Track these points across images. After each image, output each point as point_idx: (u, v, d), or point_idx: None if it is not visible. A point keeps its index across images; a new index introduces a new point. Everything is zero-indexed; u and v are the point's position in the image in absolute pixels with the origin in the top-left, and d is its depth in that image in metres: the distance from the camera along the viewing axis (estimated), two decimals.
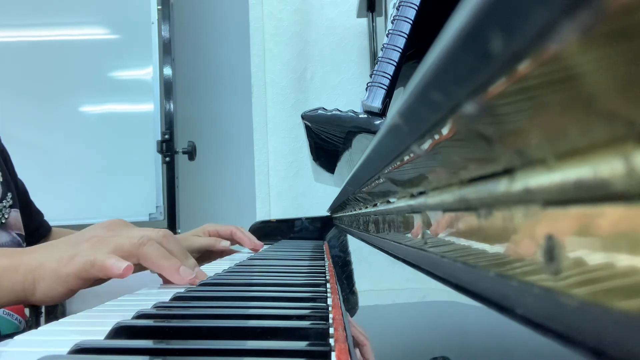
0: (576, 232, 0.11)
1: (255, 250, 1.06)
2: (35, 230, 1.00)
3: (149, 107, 2.03)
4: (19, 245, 0.89)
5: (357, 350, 0.32)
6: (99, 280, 0.59)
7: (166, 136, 1.99)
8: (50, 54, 2.01)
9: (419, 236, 0.26)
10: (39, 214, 1.04)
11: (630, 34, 0.07)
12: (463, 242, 0.18)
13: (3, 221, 0.87)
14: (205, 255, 1.00)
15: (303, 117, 0.74)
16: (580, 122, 0.10)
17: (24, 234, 0.92)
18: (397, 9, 0.64)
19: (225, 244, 1.01)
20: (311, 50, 1.94)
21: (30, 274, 0.56)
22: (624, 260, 0.09)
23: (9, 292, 0.56)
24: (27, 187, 1.03)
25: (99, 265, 0.55)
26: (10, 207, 0.90)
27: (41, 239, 1.02)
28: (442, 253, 0.22)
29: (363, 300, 0.47)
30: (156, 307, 0.43)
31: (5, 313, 0.86)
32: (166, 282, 0.61)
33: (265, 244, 1.21)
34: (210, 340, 0.34)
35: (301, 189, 1.92)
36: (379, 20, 1.65)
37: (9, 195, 0.90)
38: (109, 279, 0.58)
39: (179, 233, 2.02)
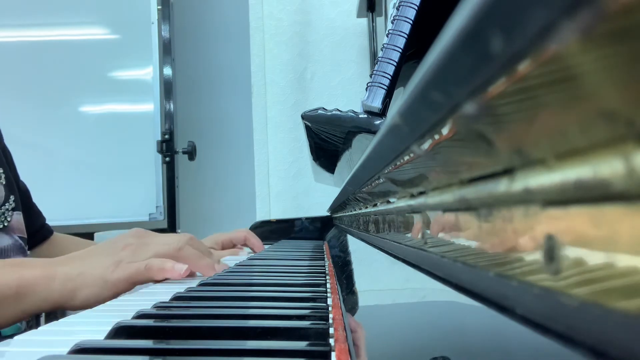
0: (576, 232, 0.11)
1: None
2: (37, 232, 0.99)
3: (149, 107, 2.03)
4: (21, 249, 0.88)
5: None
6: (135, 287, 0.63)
7: (166, 136, 1.99)
8: (50, 54, 2.01)
9: (419, 236, 0.26)
10: (40, 216, 1.04)
11: (630, 34, 0.07)
12: (463, 242, 0.18)
13: (5, 224, 0.86)
14: None
15: (303, 117, 0.74)
16: (580, 122, 0.10)
17: (26, 237, 0.91)
18: (397, 9, 0.64)
19: (242, 256, 1.05)
20: (311, 50, 1.94)
21: (70, 283, 0.58)
22: (624, 260, 0.09)
23: (44, 300, 0.57)
24: (27, 187, 1.03)
25: (157, 268, 0.61)
26: (13, 209, 0.89)
27: (43, 241, 1.01)
28: (442, 253, 0.22)
29: (363, 300, 0.47)
30: (156, 307, 0.43)
31: None
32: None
33: (265, 244, 1.21)
34: (210, 340, 0.34)
35: (301, 189, 1.92)
36: (379, 20, 1.65)
37: (12, 198, 0.89)
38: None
39: (179, 233, 2.02)
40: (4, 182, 0.89)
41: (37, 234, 0.99)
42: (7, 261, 0.64)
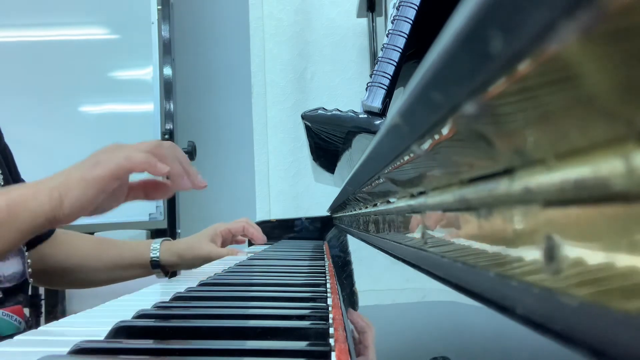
0: (576, 232, 0.11)
1: (263, 242, 1.11)
2: None
3: (149, 107, 2.03)
4: (20, 251, 0.88)
5: (359, 337, 0.32)
6: (117, 195, 0.66)
7: (166, 136, 1.99)
8: (50, 54, 2.01)
9: (419, 236, 0.26)
10: None
11: (630, 34, 0.07)
12: (463, 242, 0.18)
13: None
14: None
15: (303, 117, 0.74)
16: (580, 122, 0.10)
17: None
18: (397, 9, 0.64)
19: (242, 257, 1.05)
20: (311, 50, 1.94)
21: (55, 191, 0.60)
22: (624, 261, 0.09)
23: (35, 214, 0.59)
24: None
25: (139, 160, 0.62)
26: None
27: (45, 240, 1.01)
28: (442, 253, 0.22)
29: (363, 300, 0.47)
30: (156, 307, 0.43)
31: (4, 314, 0.86)
32: None
33: (265, 244, 1.21)
34: (210, 340, 0.34)
35: (301, 189, 1.92)
36: (379, 20, 1.65)
37: None
38: (126, 194, 0.67)
39: (179, 233, 2.02)
40: (1, 183, 0.89)
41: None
42: None
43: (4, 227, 0.58)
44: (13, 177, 0.95)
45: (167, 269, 0.99)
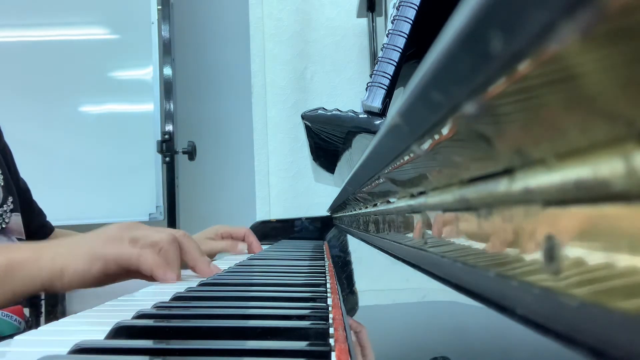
0: (576, 232, 0.11)
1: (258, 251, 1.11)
2: (39, 229, 0.99)
3: (149, 107, 2.03)
4: None
5: (354, 336, 0.32)
6: (121, 277, 0.63)
7: (166, 136, 1.99)
8: (50, 54, 2.01)
9: (419, 236, 0.26)
10: (41, 214, 1.04)
11: (630, 34, 0.07)
12: (463, 242, 0.18)
13: (3, 226, 0.86)
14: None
15: (303, 117, 0.74)
16: (580, 122, 0.10)
17: (24, 238, 0.91)
18: (397, 9, 0.64)
19: (242, 247, 1.04)
20: (311, 50, 1.94)
21: (59, 260, 0.58)
22: (624, 260, 0.09)
23: (32, 279, 0.58)
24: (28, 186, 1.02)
25: (150, 264, 0.59)
26: (11, 211, 0.88)
27: (44, 239, 1.01)
28: (442, 253, 0.22)
29: (363, 300, 0.47)
30: (156, 307, 0.43)
31: (4, 315, 0.86)
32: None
33: (265, 244, 1.21)
34: (210, 340, 0.34)
35: (301, 189, 1.92)
36: (379, 20, 1.65)
37: (10, 199, 0.89)
38: (134, 277, 0.63)
39: None
40: (2, 184, 0.89)
41: (38, 232, 0.99)
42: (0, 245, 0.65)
43: (0, 285, 0.57)
44: (12, 176, 0.95)
45: None
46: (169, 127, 2.01)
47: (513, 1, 0.09)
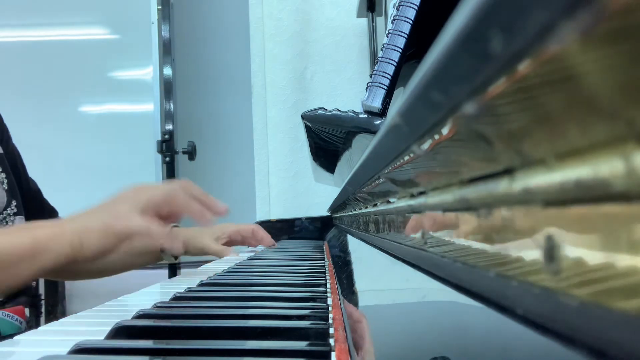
0: (576, 232, 0.11)
1: (272, 246, 1.11)
2: None
3: (149, 107, 2.03)
4: None
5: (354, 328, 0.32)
6: (136, 242, 0.69)
7: (166, 136, 1.98)
8: (50, 54, 2.01)
9: (419, 236, 0.26)
10: (52, 213, 1.05)
11: (630, 34, 0.07)
12: (463, 242, 0.18)
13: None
14: None
15: (303, 117, 0.74)
16: (580, 122, 0.10)
17: None
18: (397, 9, 0.64)
19: (238, 257, 1.05)
20: (311, 50, 1.94)
21: (77, 236, 0.64)
22: (624, 260, 0.09)
23: (58, 254, 0.63)
24: (38, 186, 1.03)
25: (157, 235, 0.66)
26: (15, 214, 0.89)
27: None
28: (442, 253, 0.22)
29: (363, 300, 0.47)
30: (156, 307, 0.43)
31: (5, 315, 0.86)
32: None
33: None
34: (210, 340, 0.34)
35: (301, 189, 1.92)
36: (379, 20, 1.65)
37: (14, 203, 0.90)
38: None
39: None
40: (5, 187, 0.89)
41: None
42: (19, 225, 0.72)
43: (27, 263, 0.61)
44: (22, 177, 0.95)
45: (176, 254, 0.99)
46: (169, 127, 2.00)
47: (513, 1, 0.09)
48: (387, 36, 0.64)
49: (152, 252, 0.93)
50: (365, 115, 0.63)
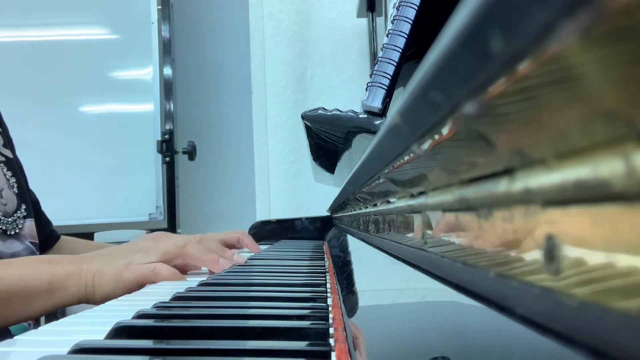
0: (576, 232, 0.11)
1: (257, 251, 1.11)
2: (45, 239, 1.01)
3: (149, 107, 2.03)
4: (33, 253, 0.91)
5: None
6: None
7: (166, 136, 1.99)
8: (50, 54, 2.01)
9: (419, 236, 0.26)
10: (48, 224, 1.06)
11: (630, 34, 0.07)
12: (463, 242, 0.18)
13: (17, 231, 0.89)
14: None
15: (303, 117, 0.74)
16: (580, 122, 0.10)
17: (38, 242, 0.94)
18: (397, 9, 0.64)
19: (224, 263, 1.05)
20: (311, 50, 1.94)
21: (91, 280, 0.65)
22: (624, 260, 0.09)
23: (72, 294, 0.64)
24: (37, 197, 1.05)
25: (164, 274, 0.66)
26: (25, 217, 0.91)
27: (50, 247, 1.04)
28: (442, 253, 0.22)
29: (363, 300, 0.47)
30: (156, 307, 0.43)
31: None
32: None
33: (265, 244, 1.21)
34: (210, 340, 0.34)
35: (301, 189, 1.92)
36: (379, 20, 1.65)
37: (23, 206, 0.92)
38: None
39: (179, 233, 2.02)
40: (16, 191, 0.91)
41: (45, 240, 1.01)
42: (39, 258, 0.73)
43: (43, 299, 0.63)
44: (25, 187, 0.97)
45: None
46: (169, 127, 2.01)
47: (513, 1, 0.09)
48: (387, 36, 0.64)
49: None
50: (365, 115, 0.63)
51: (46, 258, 0.72)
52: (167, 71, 2.03)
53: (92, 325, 0.42)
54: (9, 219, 0.88)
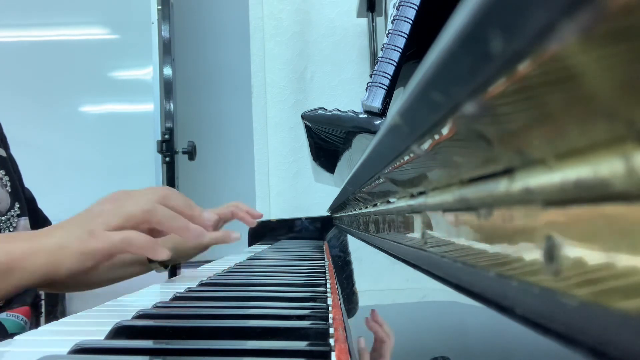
0: (576, 232, 0.11)
1: (258, 217, 1.06)
2: None
3: (149, 107, 2.03)
4: None
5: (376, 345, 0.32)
6: (116, 256, 0.62)
7: (166, 136, 1.99)
8: (50, 54, 2.01)
9: (419, 236, 0.26)
10: (46, 222, 1.05)
11: (630, 34, 0.07)
12: (463, 242, 0.18)
13: (11, 230, 0.88)
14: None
15: (303, 117, 0.74)
16: (580, 122, 0.10)
17: None
18: (397, 9, 0.64)
19: (236, 236, 1.01)
20: (311, 50, 1.94)
21: (53, 256, 0.58)
22: (624, 260, 0.09)
23: (32, 273, 0.58)
24: (28, 188, 1.04)
25: (136, 245, 0.59)
26: (18, 216, 0.91)
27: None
28: (442, 253, 0.22)
29: (363, 300, 0.47)
30: (156, 307, 0.43)
31: (10, 315, 0.87)
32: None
33: (265, 244, 1.21)
34: (210, 340, 0.34)
35: (301, 189, 1.92)
36: (379, 20, 1.65)
37: (17, 205, 0.91)
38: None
39: None
40: (9, 190, 0.91)
41: None
42: None
43: (1, 282, 0.57)
44: (19, 184, 0.96)
45: (165, 263, 0.98)
46: (169, 127, 2.01)
47: (513, 1, 0.09)
48: (387, 36, 0.64)
49: (137, 263, 0.90)
50: (365, 115, 0.63)
51: (2, 236, 0.65)
52: (167, 71, 2.03)
53: (92, 325, 0.42)
54: (2, 218, 0.87)
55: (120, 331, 0.35)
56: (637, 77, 0.08)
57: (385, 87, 0.62)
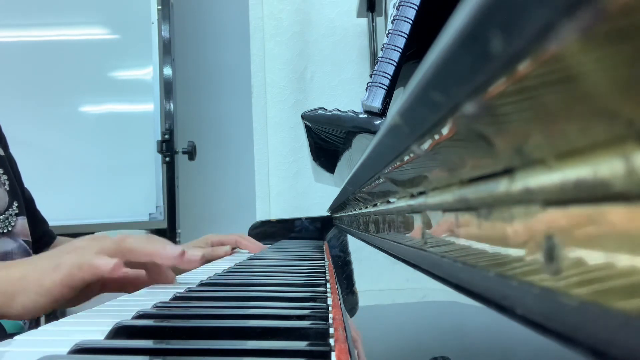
0: (576, 232, 0.11)
1: (260, 250, 1.08)
2: (40, 238, 1.00)
3: (149, 107, 2.03)
4: (26, 252, 0.89)
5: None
6: (86, 292, 0.58)
7: (166, 136, 1.99)
8: (50, 54, 2.01)
9: (419, 236, 0.26)
10: (43, 223, 1.05)
11: (630, 34, 0.07)
12: (463, 242, 0.18)
13: (9, 229, 0.88)
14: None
15: (303, 117, 0.74)
16: (580, 122, 0.10)
17: (30, 240, 0.92)
18: (397, 9, 0.64)
19: (226, 249, 1.01)
20: (311, 50, 1.94)
21: (10, 287, 0.54)
22: (624, 260, 0.09)
23: None
24: (28, 188, 1.04)
25: (87, 265, 0.54)
26: (17, 215, 0.90)
27: (46, 247, 1.02)
28: (442, 253, 0.22)
29: (363, 300, 0.47)
30: (156, 307, 0.43)
31: None
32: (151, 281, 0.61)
33: (265, 244, 1.21)
34: (210, 340, 0.34)
35: (301, 189, 1.92)
36: (379, 20, 1.65)
37: (15, 203, 0.91)
38: (98, 290, 0.59)
39: (179, 233, 2.02)
40: (7, 189, 0.90)
41: (40, 240, 1.00)
42: None
43: None
44: (18, 184, 0.96)
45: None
46: (169, 127, 2.01)
47: (513, 1, 0.09)
48: (387, 36, 0.64)
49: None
50: (365, 115, 0.63)
51: None
52: (167, 71, 2.03)
53: (92, 325, 0.42)
54: (0, 217, 0.87)
55: (120, 331, 0.35)
56: (637, 77, 0.08)
57: (385, 87, 0.62)
